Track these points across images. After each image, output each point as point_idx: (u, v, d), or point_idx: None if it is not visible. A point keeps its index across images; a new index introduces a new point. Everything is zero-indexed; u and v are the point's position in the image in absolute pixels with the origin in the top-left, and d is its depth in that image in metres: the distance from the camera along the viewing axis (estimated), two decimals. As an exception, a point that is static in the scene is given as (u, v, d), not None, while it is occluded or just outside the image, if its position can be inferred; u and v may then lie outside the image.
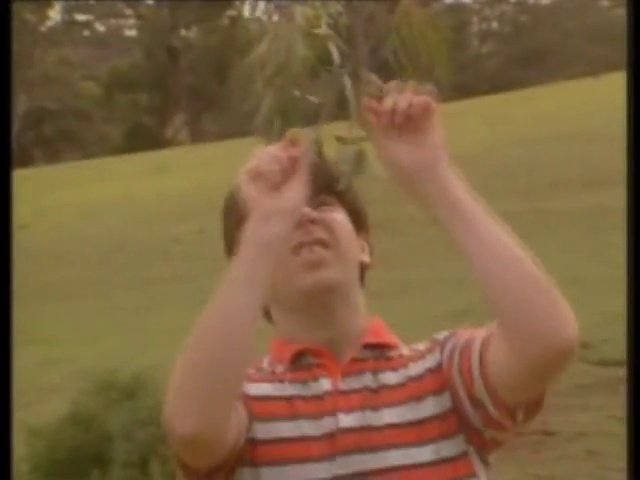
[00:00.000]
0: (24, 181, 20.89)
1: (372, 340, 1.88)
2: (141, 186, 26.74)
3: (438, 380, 1.83)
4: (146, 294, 14.74)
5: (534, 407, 1.82)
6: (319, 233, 1.86)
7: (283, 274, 1.82)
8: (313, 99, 1.83)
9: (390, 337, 1.90)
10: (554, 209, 15.92)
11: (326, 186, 1.88)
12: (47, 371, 9.96)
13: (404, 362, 1.87)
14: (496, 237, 1.73)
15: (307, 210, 1.85)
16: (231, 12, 54.17)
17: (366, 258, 1.93)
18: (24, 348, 9.15)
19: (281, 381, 1.85)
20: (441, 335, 1.88)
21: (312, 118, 1.83)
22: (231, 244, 1.91)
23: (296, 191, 1.75)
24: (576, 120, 23.86)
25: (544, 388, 1.80)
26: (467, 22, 55.63)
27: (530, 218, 15.75)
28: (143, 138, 47.80)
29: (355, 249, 1.90)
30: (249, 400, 1.80)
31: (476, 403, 1.81)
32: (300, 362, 1.86)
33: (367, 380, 1.84)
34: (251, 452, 1.79)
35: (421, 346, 1.90)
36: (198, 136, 49.99)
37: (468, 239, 1.74)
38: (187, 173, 28.23)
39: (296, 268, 1.84)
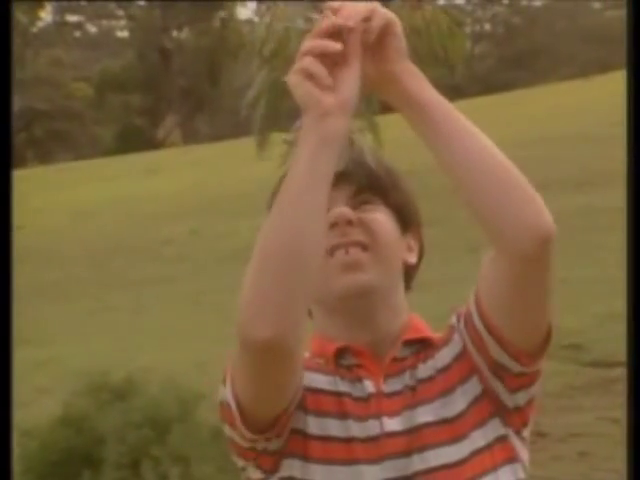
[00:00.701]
0: (16, 182, 20.83)
1: (411, 336, 1.85)
2: (133, 187, 26.71)
3: (465, 367, 1.82)
4: (138, 295, 14.73)
5: (546, 337, 1.82)
6: (356, 235, 1.81)
7: (319, 275, 1.74)
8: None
9: (427, 331, 1.88)
10: (546, 210, 15.92)
11: (368, 184, 1.85)
12: (39, 372, 9.95)
13: (432, 353, 1.85)
14: (467, 133, 1.74)
15: (345, 210, 1.82)
16: (223, 13, 54.15)
17: (411, 258, 1.89)
18: (16, 349, 9.11)
19: (334, 375, 1.82)
20: (454, 318, 1.86)
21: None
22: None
23: (350, 84, 1.68)
24: (568, 121, 23.90)
25: (543, 310, 1.82)
26: (460, 23, 55.65)
27: (522, 219, 15.77)
28: (135, 139, 47.76)
29: (397, 250, 1.85)
30: (303, 390, 1.78)
31: (496, 368, 1.80)
32: (342, 361, 1.83)
33: (406, 379, 1.83)
34: (302, 445, 1.77)
35: (444, 334, 1.89)
36: (190, 137, 49.96)
37: (439, 140, 1.73)
38: (179, 174, 28.21)
39: (331, 270, 1.80)
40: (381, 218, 1.84)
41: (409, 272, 1.89)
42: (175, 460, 5.40)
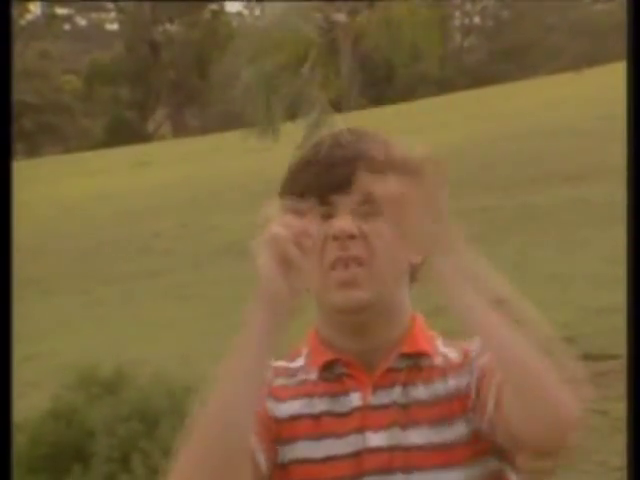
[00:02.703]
0: (5, 175, 20.73)
1: (409, 350, 1.82)
2: (122, 180, 26.68)
3: (466, 401, 1.79)
4: (127, 288, 14.71)
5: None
6: (357, 249, 1.78)
7: (319, 287, 1.78)
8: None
9: (426, 344, 1.84)
10: (535, 204, 15.95)
11: (374, 192, 1.77)
12: (28, 366, 9.93)
13: (435, 376, 1.82)
14: (500, 345, 1.69)
15: (347, 225, 1.78)
16: (213, 6, 54.10)
17: (416, 259, 1.84)
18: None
19: (310, 396, 1.82)
20: (472, 348, 1.81)
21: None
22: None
23: (308, 273, 1.70)
24: (557, 115, 23.93)
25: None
26: (449, 17, 55.66)
27: (511, 213, 15.79)
28: (124, 132, 47.68)
29: (399, 262, 1.81)
30: (277, 423, 1.79)
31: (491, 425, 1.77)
32: (332, 370, 1.83)
33: (396, 395, 1.80)
34: (280, 474, 1.78)
35: (453, 354, 1.84)
36: (180, 130, 49.93)
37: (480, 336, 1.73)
38: (169, 167, 28.18)
39: (330, 284, 1.78)
40: (382, 231, 1.78)
41: (415, 268, 1.86)
42: (165, 453, 5.39)
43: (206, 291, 13.50)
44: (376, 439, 1.78)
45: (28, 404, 6.48)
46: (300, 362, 1.87)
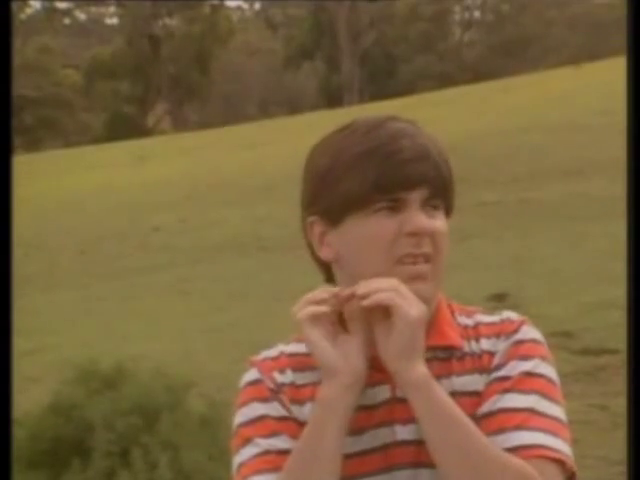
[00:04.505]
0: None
1: (434, 342, 1.80)
2: (122, 175, 26.67)
3: (479, 403, 1.78)
4: (127, 283, 14.71)
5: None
6: (426, 247, 1.76)
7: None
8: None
9: (453, 333, 1.82)
10: (534, 199, 15.95)
11: (441, 190, 1.79)
12: (28, 361, 9.93)
13: (460, 370, 1.81)
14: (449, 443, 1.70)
15: (426, 223, 1.76)
16: (212, 0, 54.07)
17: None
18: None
19: None
20: (500, 347, 1.81)
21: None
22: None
23: (356, 354, 1.74)
24: (557, 109, 23.91)
25: None
26: (449, 11, 55.62)
27: (510, 208, 15.79)
28: (124, 127, 47.69)
29: (447, 253, 1.82)
30: (302, 426, 1.77)
31: None
32: None
33: None
34: None
35: (485, 344, 1.82)
36: (180, 125, 49.92)
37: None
38: (168, 162, 28.17)
39: (397, 277, 1.75)
40: (443, 228, 1.79)
41: None
42: (164, 448, 5.40)
43: (206, 286, 13.50)
44: (404, 432, 1.76)
45: (28, 399, 6.49)
46: None
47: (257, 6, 66.51)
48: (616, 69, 18.60)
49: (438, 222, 1.78)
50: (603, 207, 13.76)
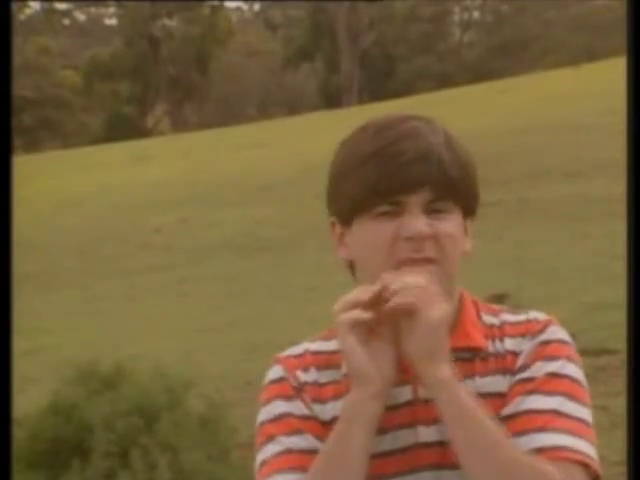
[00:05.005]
0: (4, 170, 20.71)
1: (457, 344, 1.77)
2: (122, 176, 26.66)
3: (503, 404, 1.78)
4: (127, 284, 14.71)
5: None
6: (428, 251, 1.74)
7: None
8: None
9: (476, 334, 1.81)
10: (534, 199, 15.95)
11: (446, 191, 1.76)
12: (27, 361, 9.93)
13: (483, 371, 1.79)
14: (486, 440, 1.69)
15: (423, 227, 1.73)
16: (212, 1, 54.07)
17: (469, 245, 1.83)
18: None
19: None
20: (526, 348, 1.80)
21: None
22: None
23: (388, 362, 1.72)
24: (556, 110, 23.91)
25: None
26: (448, 12, 55.62)
27: (510, 208, 15.79)
28: (123, 127, 47.69)
29: (459, 255, 1.79)
30: (324, 426, 1.77)
31: None
32: None
33: None
34: None
35: (509, 344, 1.81)
36: (179, 125, 49.90)
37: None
38: (168, 163, 28.16)
39: None
40: (451, 230, 1.76)
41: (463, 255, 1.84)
42: (164, 449, 5.40)
43: (206, 286, 13.50)
44: (427, 434, 1.76)
45: (27, 399, 6.48)
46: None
47: (256, 7, 66.58)
48: (615, 70, 18.61)
49: (443, 225, 1.75)
50: (603, 207, 13.76)
